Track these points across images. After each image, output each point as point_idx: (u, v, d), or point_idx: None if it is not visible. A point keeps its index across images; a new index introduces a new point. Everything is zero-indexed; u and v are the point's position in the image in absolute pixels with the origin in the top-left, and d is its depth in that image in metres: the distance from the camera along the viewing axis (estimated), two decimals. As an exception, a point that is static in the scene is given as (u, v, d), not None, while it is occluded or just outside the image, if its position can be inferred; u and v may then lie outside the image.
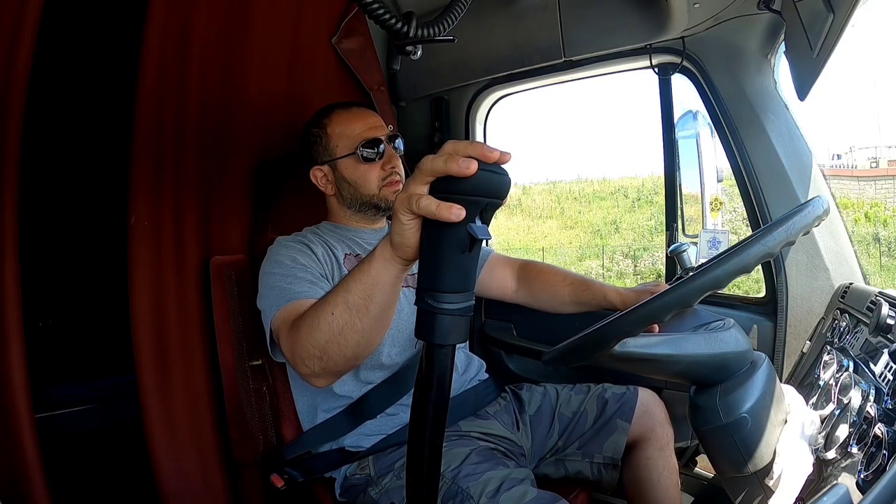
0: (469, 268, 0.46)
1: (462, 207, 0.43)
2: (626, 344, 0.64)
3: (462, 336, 0.47)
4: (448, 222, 0.43)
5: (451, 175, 0.43)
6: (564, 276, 1.15)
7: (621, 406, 1.06)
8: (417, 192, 0.46)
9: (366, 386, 1.00)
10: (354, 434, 0.99)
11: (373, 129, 1.06)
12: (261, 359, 1.09)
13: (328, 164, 1.07)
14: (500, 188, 0.45)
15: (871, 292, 0.91)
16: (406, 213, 0.48)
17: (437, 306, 0.45)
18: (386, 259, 0.58)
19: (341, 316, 0.67)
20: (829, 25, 0.77)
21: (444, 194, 0.45)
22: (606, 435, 1.04)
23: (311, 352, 0.72)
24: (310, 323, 0.72)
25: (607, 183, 18.69)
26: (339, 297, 0.67)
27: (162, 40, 1.09)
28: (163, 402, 1.08)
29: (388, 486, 0.92)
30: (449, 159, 0.43)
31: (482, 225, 0.45)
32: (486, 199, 0.45)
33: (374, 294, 0.63)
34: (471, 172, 0.43)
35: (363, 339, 0.68)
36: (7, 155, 0.91)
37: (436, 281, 0.45)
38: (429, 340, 0.46)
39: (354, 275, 0.65)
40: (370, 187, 1.05)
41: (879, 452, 0.56)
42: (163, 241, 1.10)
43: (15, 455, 0.91)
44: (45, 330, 1.52)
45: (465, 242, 0.44)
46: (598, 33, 1.31)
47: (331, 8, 1.42)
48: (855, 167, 11.75)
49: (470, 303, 0.46)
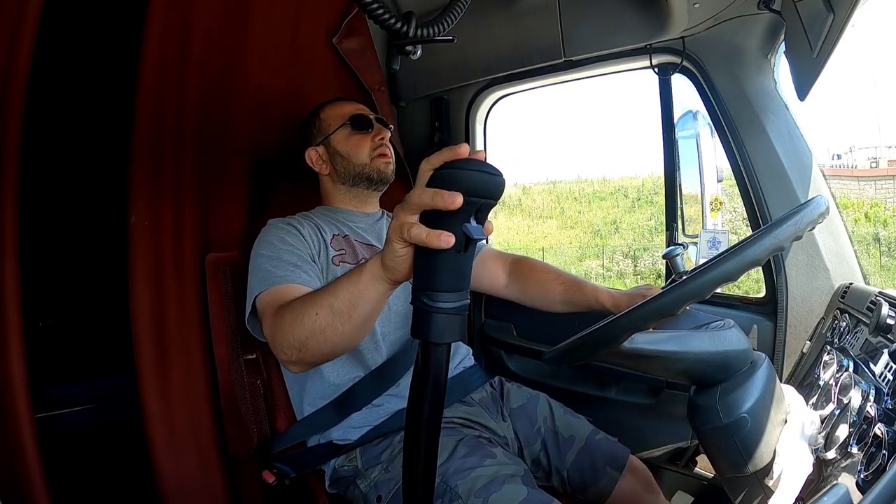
0: (464, 267, 0.47)
1: (451, 235, 0.45)
2: (634, 340, 0.63)
3: (458, 334, 0.48)
4: (442, 228, 0.45)
5: (438, 204, 0.45)
6: (557, 275, 1.14)
7: (613, 451, 1.05)
8: (409, 221, 0.48)
9: (354, 371, 1.01)
10: (342, 427, 0.99)
11: (362, 110, 1.15)
12: (255, 353, 1.10)
13: (322, 144, 1.12)
14: (495, 189, 0.46)
15: (871, 292, 0.91)
16: (399, 241, 0.51)
17: (433, 305, 0.46)
18: (375, 277, 0.60)
19: (324, 318, 0.70)
20: (829, 25, 0.77)
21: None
22: (591, 480, 1.02)
23: (290, 342, 0.75)
24: (294, 316, 0.75)
25: (607, 183, 18.70)
26: (325, 300, 0.70)
27: (162, 40, 1.10)
28: (162, 402, 1.09)
29: (376, 480, 0.93)
30: (435, 195, 0.46)
31: (477, 225, 0.47)
32: (481, 199, 0.46)
33: (358, 304, 0.66)
34: (456, 207, 0.44)
35: (342, 341, 0.72)
36: (7, 155, 0.91)
37: (431, 280, 0.47)
38: (424, 339, 0.47)
39: (343, 282, 0.68)
40: (362, 156, 1.10)
41: (879, 452, 0.56)
42: (163, 241, 1.10)
43: (15, 455, 0.91)
44: (45, 330, 1.52)
45: (461, 243, 0.46)
46: (598, 33, 1.31)
47: (331, 8, 1.42)
48: (855, 167, 11.75)
49: (465, 302, 0.47)
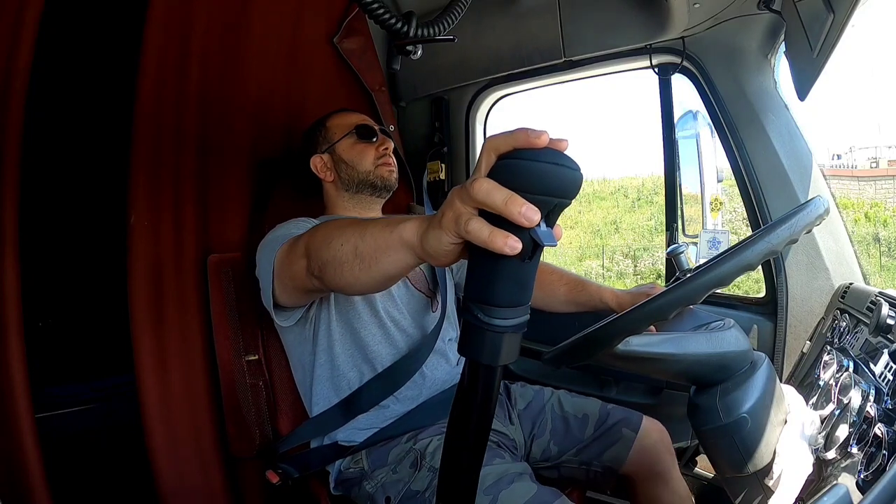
0: (528, 278, 0.39)
1: (518, 240, 0.37)
2: (629, 343, 0.64)
3: (515, 354, 0.40)
4: (506, 228, 0.37)
5: (511, 214, 0.36)
6: (561, 276, 1.15)
7: (627, 416, 1.05)
8: (466, 212, 0.39)
9: (365, 365, 1.01)
10: (347, 428, 0.99)
11: (367, 120, 1.16)
12: (257, 354, 1.10)
13: (327, 152, 1.12)
14: (573, 187, 0.38)
15: (871, 292, 0.91)
16: (451, 234, 0.42)
17: (490, 322, 0.38)
18: (406, 245, 0.52)
19: (347, 253, 0.64)
20: (829, 25, 0.77)
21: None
22: (607, 444, 1.03)
23: (315, 257, 0.72)
24: (324, 236, 0.70)
25: (607, 183, 18.67)
26: (354, 236, 0.63)
27: (162, 40, 1.10)
28: (162, 401, 1.08)
29: (383, 480, 0.93)
30: (510, 201, 0.36)
31: (547, 229, 0.38)
32: (556, 199, 0.38)
33: (380, 259, 0.59)
34: (532, 225, 0.36)
35: (356, 284, 0.66)
36: (7, 155, 0.91)
37: (489, 291, 0.39)
38: (475, 359, 0.40)
39: (375, 228, 0.60)
40: (366, 164, 1.10)
41: (879, 452, 0.56)
42: (162, 241, 1.10)
43: (15, 455, 0.91)
44: (45, 330, 1.52)
45: (528, 250, 0.38)
46: (598, 33, 1.31)
47: (331, 8, 1.42)
48: (855, 167, 11.74)
49: (526, 317, 0.40)
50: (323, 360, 1.00)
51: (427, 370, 1.03)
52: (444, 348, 1.07)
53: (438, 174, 1.62)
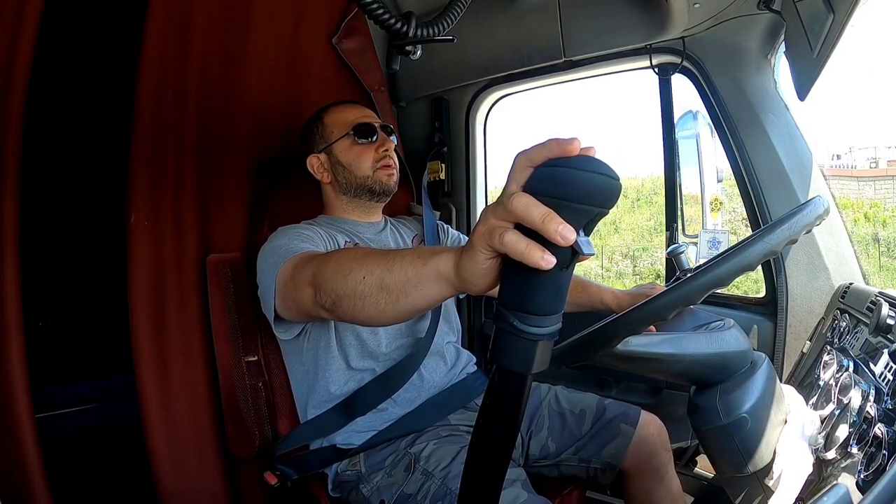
0: (564, 286, 0.40)
1: (553, 256, 0.37)
2: (628, 343, 0.64)
3: (548, 362, 0.41)
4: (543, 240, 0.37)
5: (548, 232, 0.36)
6: None
7: (624, 410, 1.05)
8: (501, 225, 0.39)
9: (359, 375, 1.00)
10: (345, 431, 0.99)
11: (367, 117, 1.11)
12: (257, 355, 1.10)
13: (324, 152, 1.09)
14: (612, 195, 0.38)
15: (871, 292, 0.91)
16: (486, 250, 0.41)
17: (525, 330, 0.39)
18: (441, 277, 0.50)
19: (371, 286, 0.60)
20: (829, 25, 0.77)
21: (545, 197, 0.37)
22: (606, 439, 1.03)
23: (327, 290, 0.68)
24: (338, 267, 0.66)
25: (607, 183, 18.62)
26: (379, 268, 0.59)
27: (162, 40, 1.10)
28: (162, 401, 1.09)
29: (379, 484, 0.93)
30: (548, 219, 0.36)
31: (586, 238, 0.39)
32: (596, 208, 0.38)
33: (410, 293, 0.55)
34: (567, 244, 0.36)
35: (379, 318, 0.62)
36: (8, 155, 0.91)
37: (525, 300, 0.39)
38: (507, 367, 0.40)
39: (403, 259, 0.56)
40: (364, 168, 1.07)
41: (879, 452, 0.56)
42: (162, 240, 1.10)
43: (15, 455, 0.91)
44: (45, 330, 1.52)
45: (566, 258, 0.38)
46: (598, 33, 1.31)
47: (331, 8, 1.42)
48: (855, 167, 11.74)
49: (558, 325, 0.40)
50: (320, 372, 1.00)
51: (425, 372, 1.03)
52: (443, 350, 1.07)
53: (438, 174, 1.62)
